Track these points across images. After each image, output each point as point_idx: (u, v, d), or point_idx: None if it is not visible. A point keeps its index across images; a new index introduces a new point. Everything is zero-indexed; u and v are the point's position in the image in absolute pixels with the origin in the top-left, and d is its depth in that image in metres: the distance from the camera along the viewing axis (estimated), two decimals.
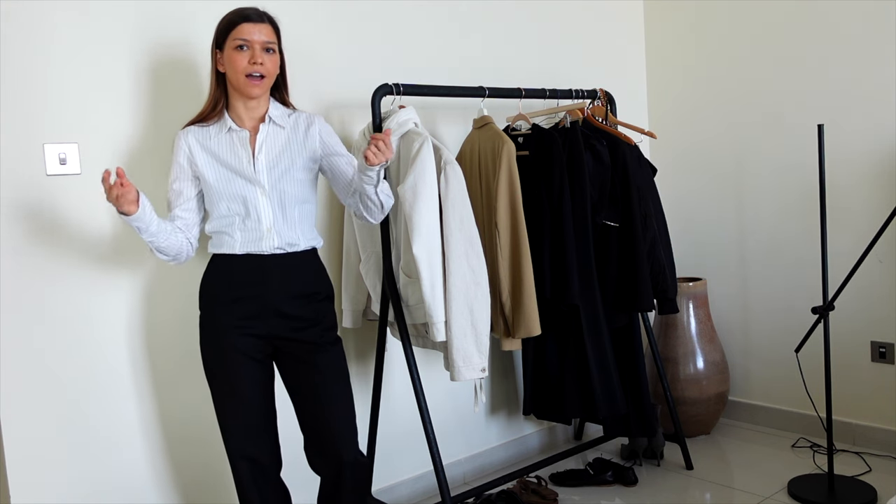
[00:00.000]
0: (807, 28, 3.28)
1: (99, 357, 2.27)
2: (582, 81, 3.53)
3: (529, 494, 2.85)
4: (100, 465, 2.27)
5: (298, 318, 2.06)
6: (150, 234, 1.96)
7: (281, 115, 2.11)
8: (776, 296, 3.48)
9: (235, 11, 2.03)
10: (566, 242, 2.76)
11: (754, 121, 3.50)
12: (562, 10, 3.47)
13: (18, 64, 2.11)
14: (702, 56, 3.66)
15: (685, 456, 3.15)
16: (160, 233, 1.98)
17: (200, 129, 2.09)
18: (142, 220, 1.92)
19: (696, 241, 3.77)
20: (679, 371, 3.38)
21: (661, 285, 2.98)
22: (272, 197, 2.05)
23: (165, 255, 2.04)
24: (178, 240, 2.04)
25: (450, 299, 2.41)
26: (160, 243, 2.00)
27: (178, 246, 2.05)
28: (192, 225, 2.11)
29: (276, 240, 2.05)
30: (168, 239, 2.01)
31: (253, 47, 1.99)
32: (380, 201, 2.09)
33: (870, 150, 3.15)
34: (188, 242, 2.09)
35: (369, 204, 2.10)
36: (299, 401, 2.13)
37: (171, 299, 2.40)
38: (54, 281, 2.19)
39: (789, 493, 2.83)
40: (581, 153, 2.81)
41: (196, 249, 2.13)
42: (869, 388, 3.23)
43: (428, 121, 2.99)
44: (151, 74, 2.34)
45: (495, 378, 3.26)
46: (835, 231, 3.27)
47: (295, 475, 2.51)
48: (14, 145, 2.11)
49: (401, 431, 2.97)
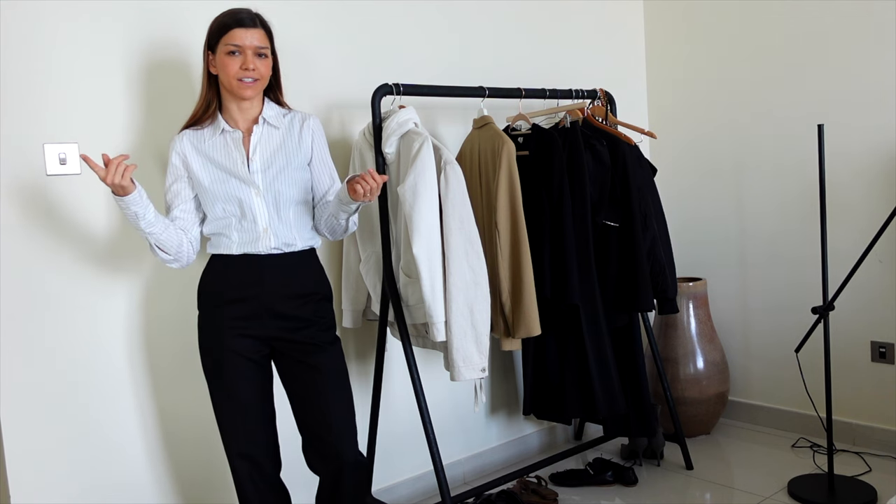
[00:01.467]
0: (807, 28, 3.28)
1: (99, 357, 2.27)
2: (582, 81, 3.53)
3: (529, 494, 2.85)
4: (100, 464, 2.28)
5: (296, 319, 2.06)
6: (147, 221, 1.93)
7: (275, 115, 2.11)
8: (776, 296, 3.48)
9: (228, 14, 2.01)
10: (566, 242, 2.76)
11: (754, 121, 3.50)
12: (562, 10, 3.47)
13: (18, 64, 2.11)
14: (701, 56, 3.66)
15: (685, 456, 3.15)
16: (158, 222, 1.97)
17: (195, 132, 2.09)
18: (139, 203, 1.89)
19: (695, 241, 3.77)
20: (679, 371, 3.38)
21: (661, 285, 2.98)
22: (267, 198, 2.05)
23: (167, 252, 2.03)
24: (177, 236, 2.03)
25: (450, 299, 2.41)
26: (159, 235, 1.98)
27: (178, 242, 2.03)
28: (191, 226, 2.10)
29: (272, 240, 2.05)
30: (167, 231, 2.00)
31: (245, 53, 1.98)
32: (346, 227, 2.14)
33: (870, 150, 3.15)
34: (188, 242, 2.08)
35: (335, 226, 2.13)
36: (298, 401, 2.12)
37: (170, 299, 2.40)
38: (54, 280, 2.19)
39: (789, 493, 2.83)
40: (581, 153, 2.81)
41: (197, 252, 2.13)
42: (869, 388, 3.23)
43: (428, 121, 2.99)
44: (151, 74, 2.34)
45: (495, 378, 3.26)
46: (835, 231, 3.27)
47: (295, 475, 2.51)
48: (14, 145, 2.11)
49: (401, 431, 2.97)
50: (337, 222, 2.11)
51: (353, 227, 2.17)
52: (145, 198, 1.92)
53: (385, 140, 2.48)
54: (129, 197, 1.87)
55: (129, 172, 1.82)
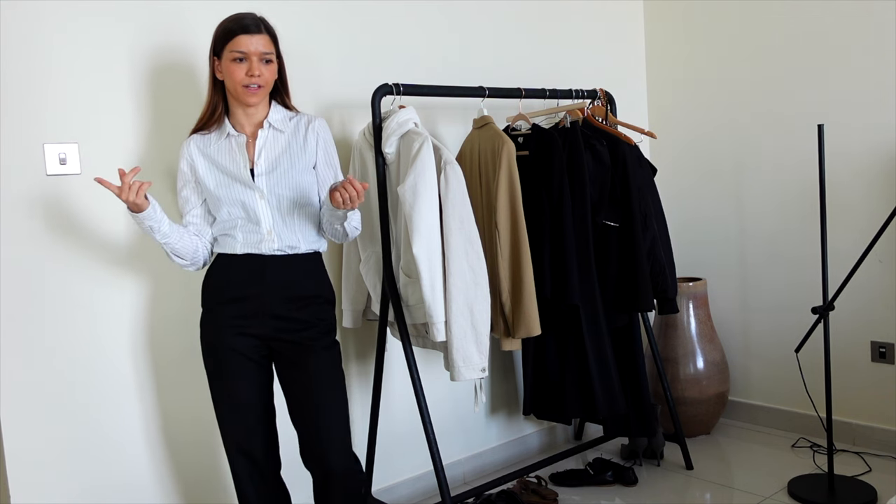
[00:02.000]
0: (807, 28, 3.28)
1: (100, 356, 2.27)
2: (582, 81, 3.53)
3: (529, 494, 2.85)
4: (100, 464, 2.28)
5: (294, 321, 2.06)
6: (162, 233, 1.97)
7: (281, 119, 2.11)
8: (776, 296, 3.48)
9: (233, 20, 2.01)
10: (566, 242, 2.76)
11: (754, 121, 3.50)
12: (562, 10, 3.47)
13: (18, 64, 2.11)
14: (702, 56, 3.66)
15: (685, 456, 3.15)
16: (173, 233, 1.99)
17: (202, 136, 2.10)
18: (153, 217, 1.93)
19: (695, 241, 3.77)
20: (679, 371, 3.38)
21: (661, 285, 2.98)
22: (271, 201, 2.05)
23: (182, 258, 2.06)
24: (192, 242, 2.06)
25: (450, 299, 2.41)
26: (174, 244, 2.01)
27: (193, 248, 2.06)
28: (204, 230, 2.11)
29: (276, 242, 2.05)
30: (182, 240, 2.03)
31: (250, 59, 1.98)
32: (345, 231, 2.13)
33: (870, 150, 3.15)
34: (203, 245, 2.10)
35: (335, 231, 2.13)
36: (292, 403, 2.12)
37: (173, 298, 2.40)
38: (55, 280, 2.19)
39: (789, 493, 2.83)
40: (581, 153, 2.81)
41: (211, 253, 2.14)
42: (869, 388, 3.23)
43: (428, 121, 2.99)
44: (151, 75, 2.34)
45: (495, 378, 3.26)
46: (835, 231, 3.27)
47: (295, 475, 2.51)
48: (14, 145, 2.11)
49: (401, 431, 2.97)
50: (334, 228, 2.11)
51: (353, 232, 2.16)
52: (159, 211, 1.95)
53: (385, 140, 2.48)
54: (143, 213, 1.91)
55: (143, 190, 1.85)
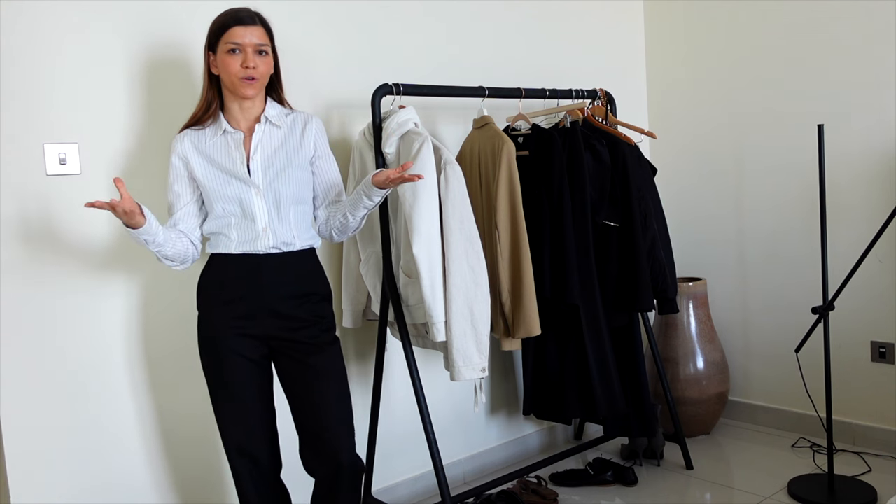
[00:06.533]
0: (806, 28, 3.28)
1: (99, 356, 2.27)
2: (582, 81, 3.53)
3: (529, 494, 2.85)
4: (99, 464, 2.28)
5: (294, 319, 2.06)
6: (156, 245, 1.97)
7: (278, 114, 2.10)
8: (776, 296, 3.48)
9: (227, 13, 2.01)
10: (566, 242, 2.76)
11: (754, 121, 3.50)
12: (562, 9, 3.47)
13: (18, 64, 2.11)
14: (701, 56, 3.66)
15: (685, 456, 3.15)
16: (166, 242, 1.99)
17: (196, 132, 2.09)
18: (149, 232, 1.93)
19: (695, 240, 3.77)
20: (679, 371, 3.38)
21: (661, 285, 2.98)
22: (267, 197, 2.05)
23: (172, 261, 2.06)
24: (183, 245, 2.05)
25: (450, 299, 2.41)
26: (167, 252, 2.01)
27: (183, 251, 2.06)
28: (193, 227, 2.11)
29: (271, 239, 2.05)
30: (174, 247, 2.02)
31: (245, 51, 1.98)
32: (358, 224, 2.13)
33: (870, 150, 3.15)
34: (192, 245, 2.09)
35: (345, 224, 2.12)
36: (295, 402, 2.11)
37: (169, 299, 2.40)
38: (54, 280, 2.19)
39: (789, 493, 2.83)
40: (581, 153, 2.81)
41: (200, 251, 2.13)
42: (869, 388, 3.23)
43: (428, 121, 2.99)
44: (151, 74, 2.34)
45: (495, 378, 3.26)
46: (835, 231, 3.27)
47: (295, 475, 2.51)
48: (14, 145, 2.11)
49: (401, 431, 2.97)
50: (349, 220, 2.10)
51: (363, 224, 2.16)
52: (155, 225, 1.94)
53: (385, 140, 2.48)
54: (139, 230, 1.91)
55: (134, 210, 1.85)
